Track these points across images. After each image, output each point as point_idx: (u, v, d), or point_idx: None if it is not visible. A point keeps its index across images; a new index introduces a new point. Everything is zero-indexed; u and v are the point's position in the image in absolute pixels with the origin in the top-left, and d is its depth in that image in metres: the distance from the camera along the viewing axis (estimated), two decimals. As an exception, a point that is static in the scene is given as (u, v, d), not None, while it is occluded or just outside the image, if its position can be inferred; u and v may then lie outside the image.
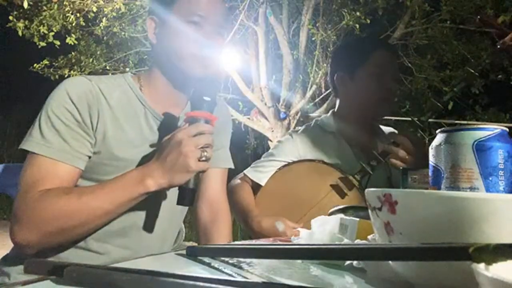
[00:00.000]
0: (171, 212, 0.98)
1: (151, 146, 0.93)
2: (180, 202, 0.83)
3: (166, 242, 1.02)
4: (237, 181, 1.37)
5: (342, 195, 1.22)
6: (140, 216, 0.93)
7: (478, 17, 1.17)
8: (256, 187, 1.33)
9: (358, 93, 1.36)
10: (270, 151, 1.43)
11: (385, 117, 1.44)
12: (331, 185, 1.23)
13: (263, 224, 1.17)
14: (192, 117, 0.84)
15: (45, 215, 0.79)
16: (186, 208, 1.05)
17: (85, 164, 0.88)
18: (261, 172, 1.33)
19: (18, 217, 0.81)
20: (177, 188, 0.83)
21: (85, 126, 0.87)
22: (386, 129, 1.48)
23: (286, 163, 1.32)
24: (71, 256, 0.88)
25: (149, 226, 0.94)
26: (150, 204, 0.91)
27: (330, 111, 1.46)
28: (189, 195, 0.83)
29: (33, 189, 0.81)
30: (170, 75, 0.96)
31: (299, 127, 1.48)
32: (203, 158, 0.80)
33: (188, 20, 0.92)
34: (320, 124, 1.42)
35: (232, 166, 1.18)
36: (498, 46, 1.05)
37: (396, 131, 1.47)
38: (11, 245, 0.93)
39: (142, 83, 0.98)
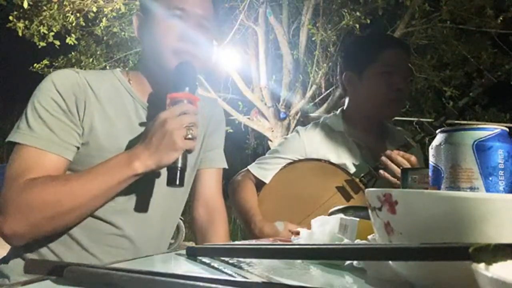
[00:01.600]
0: (168, 205, 0.99)
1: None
2: (170, 183, 0.82)
3: (164, 237, 1.02)
4: (240, 177, 1.35)
5: (348, 198, 1.20)
6: (135, 212, 0.92)
7: (501, 18, 1.17)
8: (259, 183, 1.31)
9: (366, 93, 1.30)
10: (275, 147, 1.39)
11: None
12: (337, 187, 1.21)
13: (265, 230, 1.16)
14: (175, 98, 0.83)
15: (32, 203, 0.78)
16: (183, 201, 1.05)
17: (73, 155, 0.87)
18: (266, 169, 1.31)
19: (3, 207, 0.79)
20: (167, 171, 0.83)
21: (71, 116, 0.87)
22: (396, 130, 1.44)
23: (291, 160, 1.30)
24: (67, 257, 0.87)
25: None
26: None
27: (339, 110, 1.42)
28: (178, 175, 0.82)
29: (19, 179, 0.80)
30: (154, 69, 0.96)
31: (308, 126, 1.44)
32: (189, 136, 0.80)
33: (169, 14, 0.91)
34: (328, 123, 1.37)
35: (226, 166, 1.18)
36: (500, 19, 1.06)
37: (403, 130, 1.44)
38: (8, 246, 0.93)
39: (131, 77, 0.99)
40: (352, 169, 1.26)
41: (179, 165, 0.81)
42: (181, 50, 0.91)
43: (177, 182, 0.82)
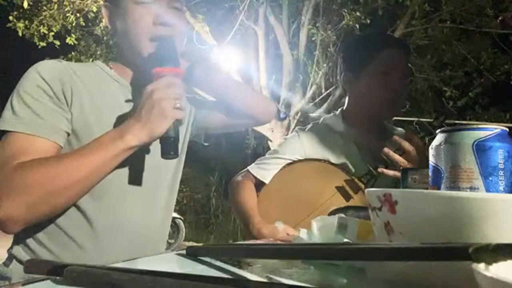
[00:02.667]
0: (164, 203, 0.99)
1: None
2: (165, 154, 0.82)
3: (161, 233, 1.01)
4: (240, 178, 1.35)
5: (348, 197, 1.20)
6: (131, 212, 0.92)
7: (500, 18, 1.16)
8: (259, 184, 1.31)
9: (364, 94, 1.31)
10: (275, 148, 1.40)
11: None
12: (336, 187, 1.21)
13: (263, 231, 1.16)
14: (160, 73, 0.83)
15: (25, 182, 0.75)
16: (175, 191, 1.04)
17: (63, 140, 0.85)
18: (265, 170, 1.31)
19: None
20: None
21: (59, 102, 0.85)
22: (396, 130, 1.43)
23: (291, 161, 1.30)
24: (66, 256, 0.87)
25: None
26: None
27: (339, 110, 1.42)
28: (172, 145, 0.81)
29: (9, 164, 0.77)
30: (133, 56, 0.94)
31: (308, 125, 1.44)
32: (178, 106, 0.79)
33: (138, 1, 0.89)
34: (327, 123, 1.38)
35: None
36: (499, 20, 1.05)
37: (403, 130, 1.43)
38: (8, 245, 0.92)
39: (112, 66, 0.99)
40: (352, 169, 1.26)
41: (172, 134, 0.81)
42: (157, 36, 0.90)
43: (172, 152, 0.81)
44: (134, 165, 0.90)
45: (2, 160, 0.79)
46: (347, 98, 1.40)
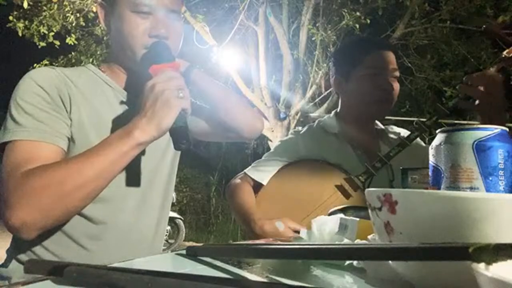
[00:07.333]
0: (160, 203, 0.99)
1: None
2: (177, 145, 0.81)
3: (158, 232, 1.02)
4: (237, 180, 1.35)
5: (347, 195, 1.21)
6: (128, 205, 0.93)
7: (484, 27, 1.17)
8: (257, 187, 1.32)
9: (354, 96, 1.36)
10: (272, 150, 1.41)
11: (385, 118, 1.42)
12: (336, 186, 1.22)
13: (265, 227, 1.16)
14: (158, 70, 0.83)
15: (35, 187, 0.75)
16: (171, 191, 1.05)
17: (67, 144, 0.85)
18: (263, 172, 1.32)
19: (7, 200, 0.76)
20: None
21: (57, 107, 0.85)
22: (394, 129, 1.45)
23: (287, 162, 1.31)
24: (67, 255, 0.87)
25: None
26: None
27: (333, 112, 1.45)
28: (182, 134, 0.80)
29: (17, 171, 0.77)
30: (126, 60, 0.94)
31: (299, 127, 1.48)
32: (181, 95, 0.79)
33: (135, 10, 0.88)
34: (322, 125, 1.41)
35: None
36: (503, 56, 1.07)
37: (406, 131, 1.44)
38: (7, 246, 0.92)
39: (104, 69, 0.98)
40: (348, 170, 1.27)
41: (180, 124, 0.80)
42: (151, 45, 0.89)
43: (184, 141, 0.80)
44: (132, 166, 0.90)
45: (9, 168, 0.79)
46: (340, 100, 1.45)
